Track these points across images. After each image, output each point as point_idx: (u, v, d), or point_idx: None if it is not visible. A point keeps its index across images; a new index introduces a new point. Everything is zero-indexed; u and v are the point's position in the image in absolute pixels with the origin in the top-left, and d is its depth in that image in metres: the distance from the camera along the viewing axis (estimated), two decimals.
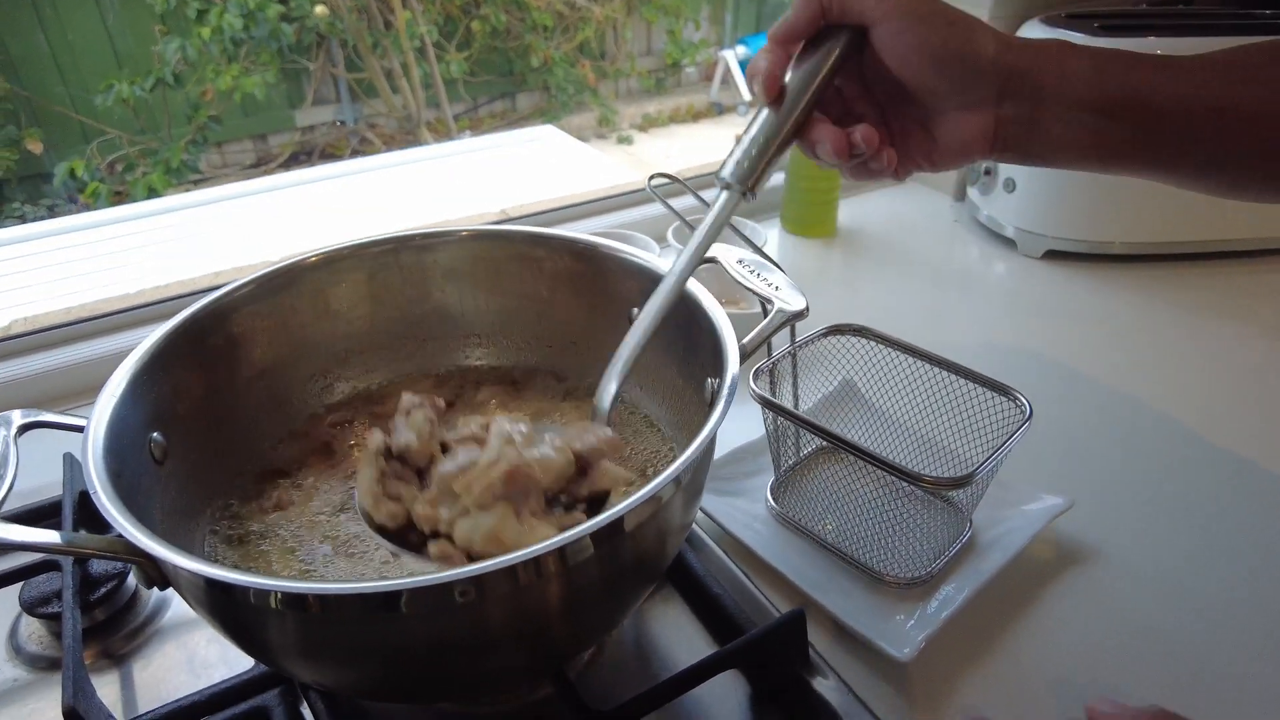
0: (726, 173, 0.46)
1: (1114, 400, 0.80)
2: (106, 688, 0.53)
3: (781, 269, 0.57)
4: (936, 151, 0.48)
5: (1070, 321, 0.92)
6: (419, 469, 0.44)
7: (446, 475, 0.41)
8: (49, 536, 0.38)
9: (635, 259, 0.59)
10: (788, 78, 0.46)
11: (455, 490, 0.40)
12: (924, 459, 0.66)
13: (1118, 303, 0.96)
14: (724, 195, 0.47)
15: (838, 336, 0.65)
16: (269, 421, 0.59)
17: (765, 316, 0.53)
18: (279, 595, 0.35)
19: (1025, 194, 1.03)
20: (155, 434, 0.48)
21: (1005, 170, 1.05)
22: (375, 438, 0.43)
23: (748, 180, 0.46)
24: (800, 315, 0.52)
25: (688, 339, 0.54)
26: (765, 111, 0.46)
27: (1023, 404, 0.57)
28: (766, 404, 0.57)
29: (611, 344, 0.60)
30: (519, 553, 0.34)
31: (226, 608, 0.39)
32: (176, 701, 0.48)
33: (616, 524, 0.37)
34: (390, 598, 0.34)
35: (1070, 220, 1.03)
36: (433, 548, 0.40)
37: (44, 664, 0.55)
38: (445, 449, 0.44)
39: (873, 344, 0.65)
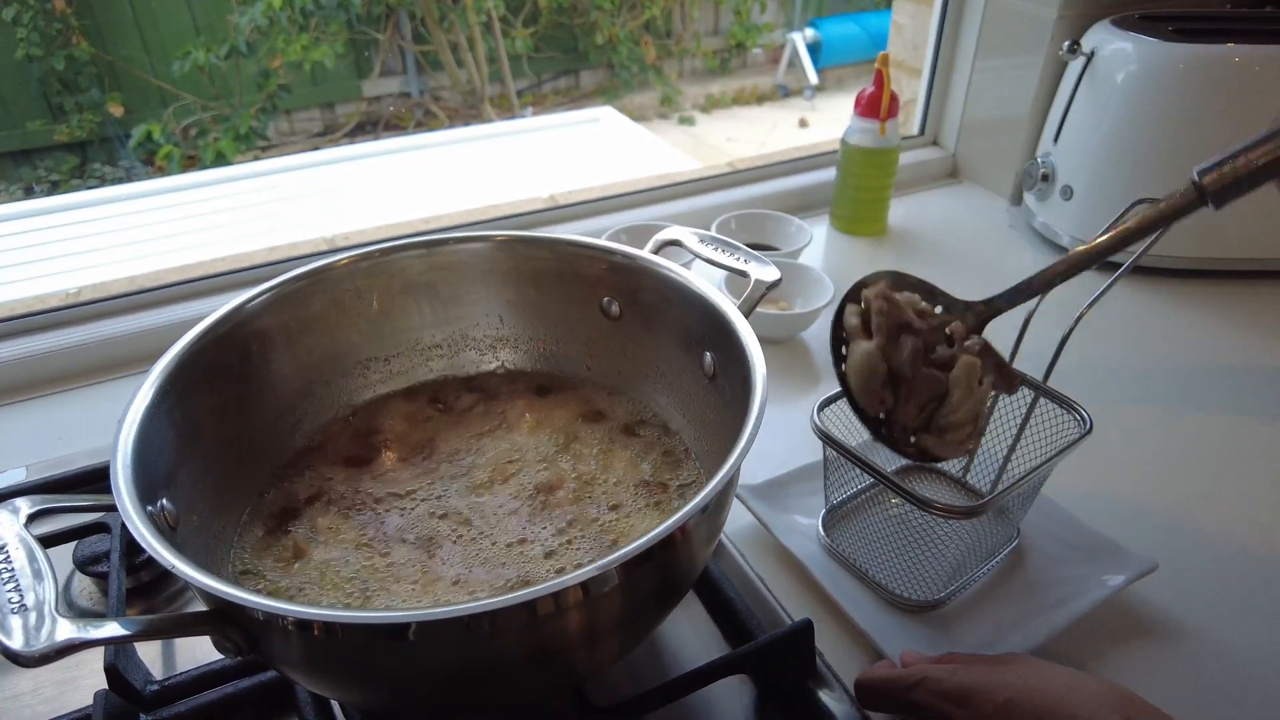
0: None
1: (1168, 419, 0.77)
2: (147, 646, 0.56)
3: (743, 246, 0.58)
4: None
5: (1124, 338, 0.90)
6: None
7: (938, 416, 0.53)
8: (118, 630, 0.38)
9: (674, 275, 0.57)
10: None
11: (940, 425, 0.53)
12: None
13: (1176, 319, 0.92)
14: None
15: None
16: (282, 439, 0.58)
17: (793, 310, 0.55)
18: (415, 626, 0.35)
19: (1082, 202, 1.00)
20: (163, 501, 0.44)
21: (1063, 177, 1.01)
22: (873, 355, 0.52)
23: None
24: (776, 284, 0.54)
25: (677, 322, 0.56)
26: None
27: (1084, 419, 0.57)
28: (827, 440, 0.56)
29: (636, 350, 0.61)
30: (539, 587, 0.34)
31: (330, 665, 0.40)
32: (209, 664, 0.51)
33: (642, 555, 0.36)
34: (398, 629, 0.35)
35: None
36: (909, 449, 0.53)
37: (92, 619, 0.58)
38: (908, 328, 0.53)
39: None
